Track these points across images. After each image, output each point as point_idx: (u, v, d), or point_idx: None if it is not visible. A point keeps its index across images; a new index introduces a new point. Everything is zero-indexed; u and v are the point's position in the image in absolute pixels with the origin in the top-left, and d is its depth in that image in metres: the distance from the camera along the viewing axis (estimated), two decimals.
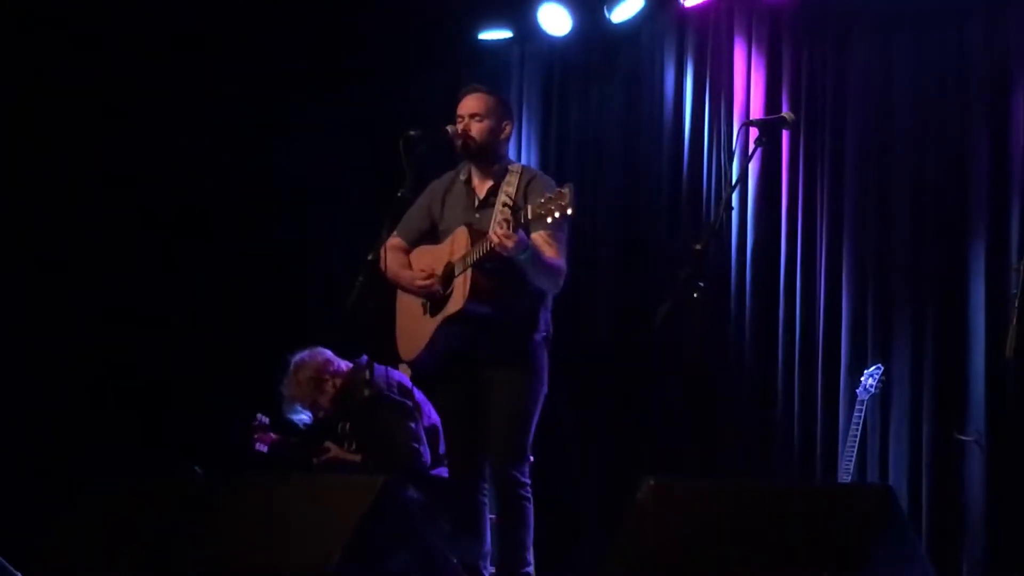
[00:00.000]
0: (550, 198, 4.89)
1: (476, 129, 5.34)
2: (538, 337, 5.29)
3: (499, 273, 5.09)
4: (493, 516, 5.48)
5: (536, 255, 5.10)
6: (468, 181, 5.43)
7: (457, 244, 5.23)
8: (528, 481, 5.31)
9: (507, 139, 5.45)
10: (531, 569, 5.31)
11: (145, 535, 4.70)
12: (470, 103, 5.38)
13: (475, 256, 5.11)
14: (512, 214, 5.03)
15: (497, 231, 4.97)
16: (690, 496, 4.19)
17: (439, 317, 5.24)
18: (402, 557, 4.42)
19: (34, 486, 7.37)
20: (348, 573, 4.20)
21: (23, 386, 7.56)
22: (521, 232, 5.00)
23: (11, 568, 5.03)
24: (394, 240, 5.43)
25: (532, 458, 5.53)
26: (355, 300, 5.03)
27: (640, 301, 7.63)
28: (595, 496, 7.84)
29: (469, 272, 5.12)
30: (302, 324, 7.84)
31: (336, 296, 5.24)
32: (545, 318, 5.34)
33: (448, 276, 5.25)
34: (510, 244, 4.95)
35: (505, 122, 5.41)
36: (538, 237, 5.18)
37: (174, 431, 7.64)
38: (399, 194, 5.23)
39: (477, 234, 5.18)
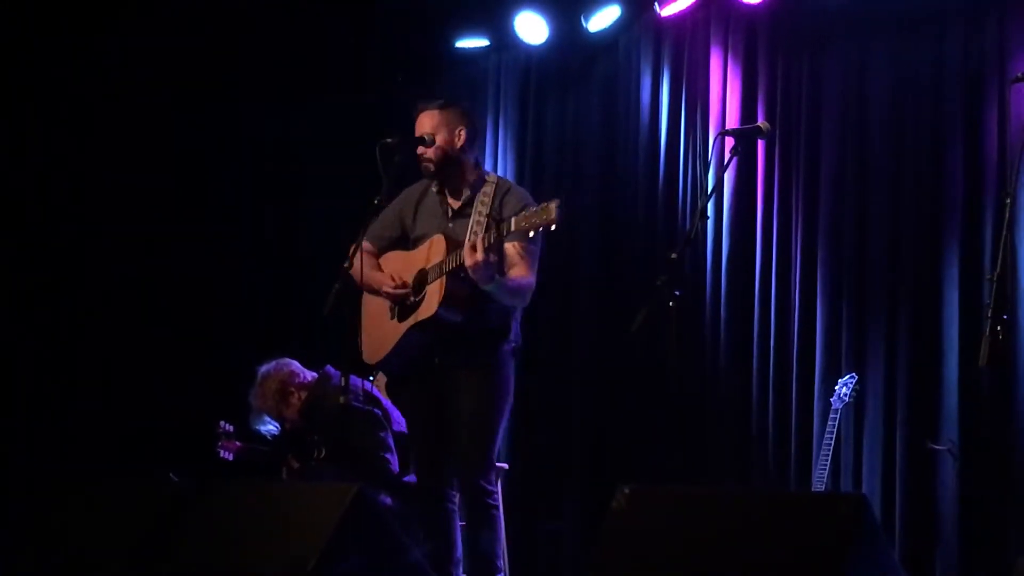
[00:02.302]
0: (535, 212, 4.88)
1: (431, 152, 5.33)
2: (507, 347, 5.29)
3: (472, 282, 5.09)
4: (463, 523, 5.48)
5: (502, 284, 5.10)
6: (440, 191, 5.43)
7: (434, 251, 5.23)
8: (495, 489, 5.32)
9: (467, 144, 5.38)
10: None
11: (120, 540, 4.69)
12: (420, 124, 5.37)
13: (451, 264, 5.11)
14: (495, 226, 5.03)
15: (468, 256, 4.97)
16: (665, 504, 4.20)
17: (408, 322, 5.23)
18: (377, 564, 4.42)
19: (7, 489, 7.34)
20: None
21: None
22: (493, 263, 5.00)
23: None
24: (364, 244, 5.41)
25: (506, 466, 5.55)
26: (331, 307, 5.02)
27: (617, 308, 7.64)
28: (572, 504, 7.84)
29: (444, 279, 5.12)
30: (277, 331, 7.83)
31: (312, 303, 5.23)
32: (515, 328, 5.34)
33: (420, 282, 5.25)
34: (481, 268, 4.95)
35: (459, 128, 5.35)
36: (511, 248, 5.19)
37: (142, 438, 7.60)
38: (375, 202, 5.23)
39: (453, 243, 5.18)
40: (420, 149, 5.34)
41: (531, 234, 4.93)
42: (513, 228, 4.94)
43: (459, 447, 5.27)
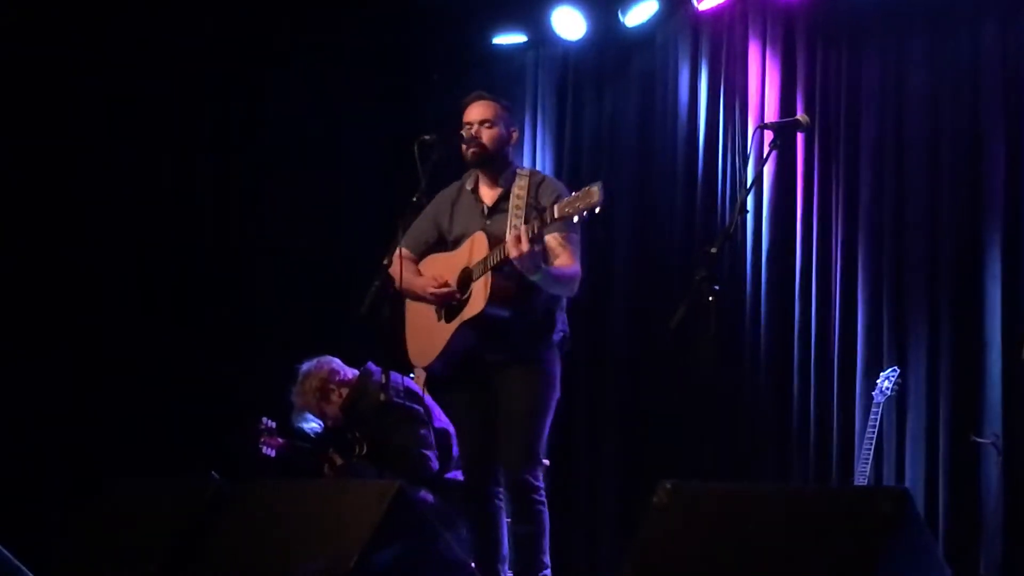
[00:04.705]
0: (578, 196, 4.88)
1: (487, 136, 5.36)
2: (555, 338, 5.30)
3: (517, 276, 5.10)
4: (509, 520, 5.48)
5: (548, 273, 5.10)
6: (475, 190, 5.45)
7: (476, 249, 5.24)
8: (542, 485, 5.31)
9: (515, 145, 5.49)
10: (548, 572, 5.31)
11: (161, 539, 4.72)
12: (479, 110, 5.39)
13: (495, 260, 5.11)
14: (537, 216, 5.04)
15: (513, 248, 4.96)
16: (706, 499, 4.19)
17: (456, 322, 5.24)
18: (419, 561, 4.43)
19: (47, 488, 7.39)
20: None
21: (36, 390, 7.57)
22: (538, 253, 5.00)
23: (22, 567, 5.04)
24: (403, 252, 5.42)
25: (547, 462, 5.54)
26: (370, 305, 5.04)
27: (655, 304, 7.63)
28: (612, 499, 7.85)
29: (489, 275, 5.13)
30: (316, 329, 7.85)
31: (351, 301, 5.24)
32: (561, 318, 5.35)
33: (465, 281, 5.26)
34: (527, 259, 4.95)
35: (512, 128, 5.44)
36: (552, 239, 5.19)
37: (184, 436, 7.64)
38: (414, 199, 5.24)
39: (494, 239, 5.19)
40: (476, 130, 5.34)
41: (575, 219, 4.91)
42: (556, 215, 4.93)
43: (506, 443, 5.28)
